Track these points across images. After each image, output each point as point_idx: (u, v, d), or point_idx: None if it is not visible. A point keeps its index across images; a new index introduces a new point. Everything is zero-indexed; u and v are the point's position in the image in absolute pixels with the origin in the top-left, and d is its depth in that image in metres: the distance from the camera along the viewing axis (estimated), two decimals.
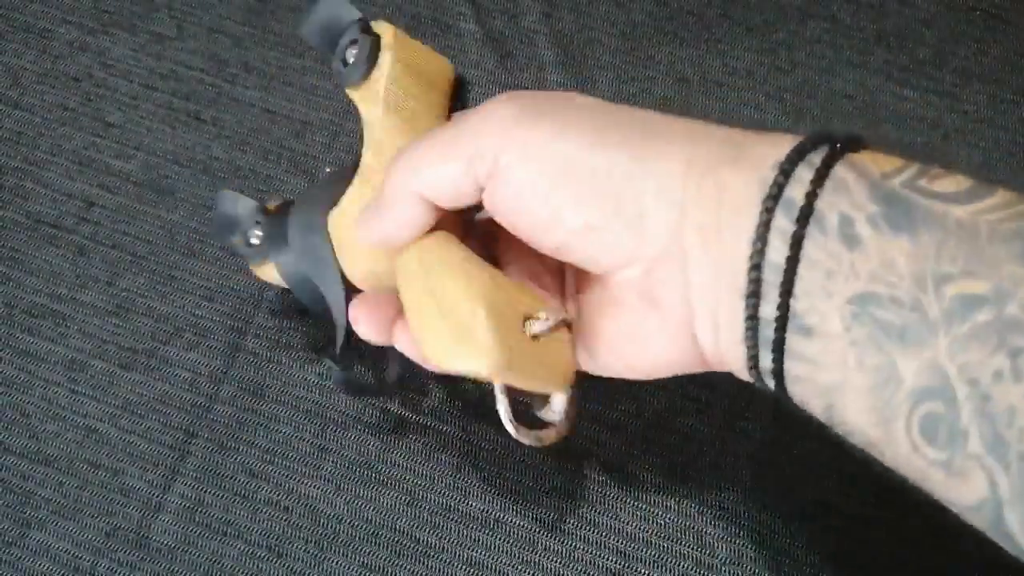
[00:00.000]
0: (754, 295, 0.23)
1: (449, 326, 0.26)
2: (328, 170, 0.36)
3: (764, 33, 0.47)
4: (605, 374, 0.30)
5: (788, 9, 0.47)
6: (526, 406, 0.31)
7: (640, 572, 0.36)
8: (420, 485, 0.37)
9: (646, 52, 0.46)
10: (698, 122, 0.27)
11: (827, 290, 0.22)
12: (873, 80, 0.46)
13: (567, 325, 0.29)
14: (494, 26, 0.47)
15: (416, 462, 0.38)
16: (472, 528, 0.37)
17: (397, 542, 0.37)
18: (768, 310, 0.23)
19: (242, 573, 0.36)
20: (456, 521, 0.37)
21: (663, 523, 0.37)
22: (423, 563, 0.36)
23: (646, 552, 0.36)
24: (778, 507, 0.37)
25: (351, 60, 0.33)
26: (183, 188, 0.43)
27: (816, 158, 0.24)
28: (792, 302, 0.23)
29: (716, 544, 0.37)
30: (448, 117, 0.34)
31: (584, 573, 0.36)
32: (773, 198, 0.23)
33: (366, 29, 0.32)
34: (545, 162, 0.25)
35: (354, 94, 0.33)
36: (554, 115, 0.26)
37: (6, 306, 0.41)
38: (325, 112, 0.45)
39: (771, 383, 0.25)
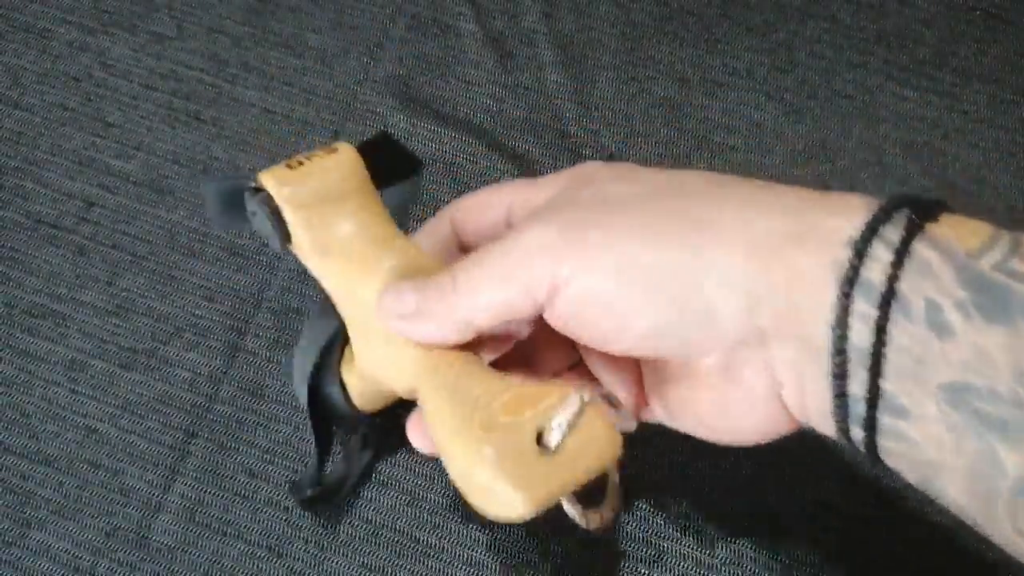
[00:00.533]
0: (840, 376, 0.22)
1: (471, 491, 0.25)
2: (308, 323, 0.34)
3: (764, 33, 0.47)
4: (684, 431, 0.29)
5: (788, 9, 0.47)
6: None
7: (640, 572, 0.36)
8: (420, 485, 0.37)
9: (646, 52, 0.46)
10: (749, 187, 0.25)
11: (918, 375, 0.21)
12: (873, 80, 0.46)
13: (596, 400, 0.27)
14: (494, 26, 0.47)
15: (416, 462, 0.38)
16: (472, 528, 0.37)
17: (397, 542, 0.37)
18: (856, 388, 0.22)
19: (242, 573, 0.36)
20: (456, 521, 0.37)
21: (663, 523, 0.37)
22: (423, 563, 0.36)
23: (646, 552, 0.36)
24: (778, 507, 0.37)
25: (264, 235, 0.30)
26: (183, 188, 0.43)
27: (892, 233, 0.22)
28: (881, 382, 0.22)
29: (716, 544, 0.37)
30: (379, 186, 0.31)
31: (584, 573, 0.36)
32: (850, 282, 0.22)
33: (257, 191, 0.30)
34: (601, 274, 0.24)
35: (293, 252, 0.31)
36: (598, 222, 0.25)
37: (6, 306, 0.41)
38: (325, 112, 0.45)
39: (863, 451, 0.24)
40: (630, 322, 0.25)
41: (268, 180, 0.29)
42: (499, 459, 0.24)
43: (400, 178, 0.31)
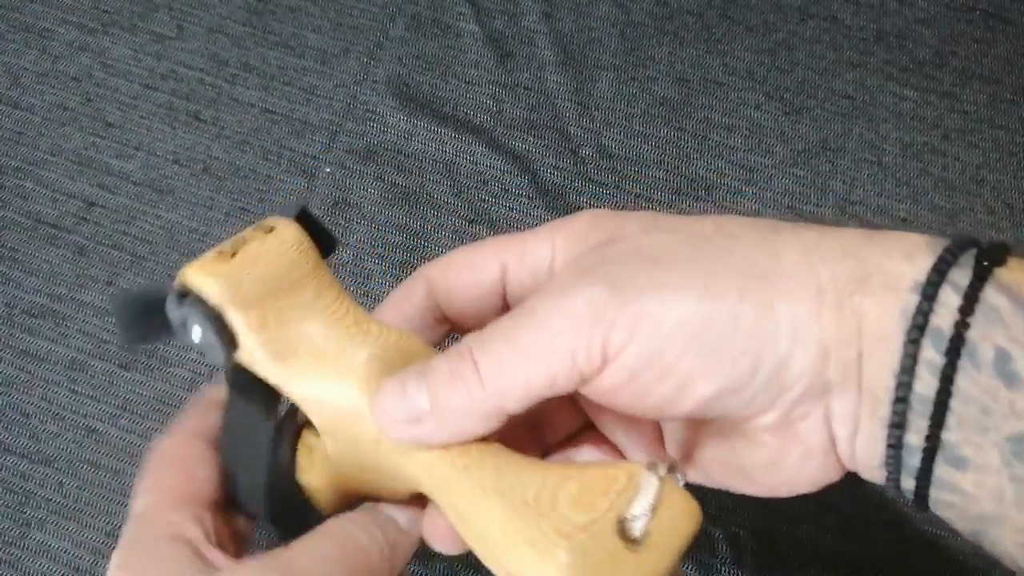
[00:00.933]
0: (899, 426, 0.22)
1: None
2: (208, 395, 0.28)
3: (764, 33, 0.47)
4: (717, 487, 0.27)
5: (788, 9, 0.47)
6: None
7: None
8: None
9: (646, 52, 0.46)
10: (798, 229, 0.24)
11: (982, 425, 0.21)
12: (873, 80, 0.46)
13: (669, 473, 0.24)
14: (494, 26, 0.47)
15: None
16: None
17: None
18: (913, 438, 0.22)
19: None
20: None
21: None
22: (423, 563, 0.36)
23: None
24: (778, 507, 0.37)
25: (202, 347, 0.24)
26: (183, 188, 0.43)
27: (961, 278, 0.21)
28: (943, 433, 0.21)
29: (716, 544, 0.37)
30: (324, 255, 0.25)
31: None
32: (919, 328, 0.21)
33: (182, 296, 0.24)
34: (662, 336, 0.22)
35: (240, 361, 0.25)
36: (650, 279, 0.23)
37: (6, 306, 0.41)
38: (325, 112, 0.45)
39: (910, 500, 0.23)
40: (693, 386, 0.22)
41: (199, 278, 0.23)
42: (589, 568, 0.21)
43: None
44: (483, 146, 0.44)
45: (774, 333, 0.22)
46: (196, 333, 0.24)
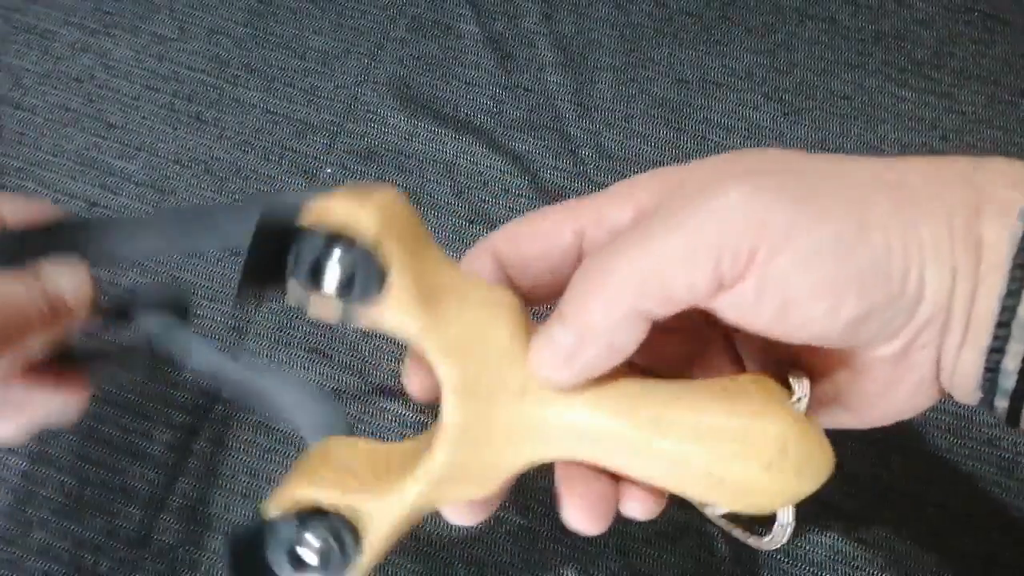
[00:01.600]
0: (998, 351, 0.22)
1: (773, 484, 0.24)
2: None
3: (763, 34, 0.47)
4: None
5: (787, 10, 0.47)
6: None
7: (640, 572, 0.36)
8: None
9: (645, 53, 0.47)
10: (914, 162, 0.24)
11: None
12: (871, 81, 0.46)
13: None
14: (494, 27, 0.47)
15: None
16: (472, 528, 0.37)
17: (397, 542, 0.37)
18: (1010, 364, 0.22)
19: None
20: None
21: (663, 523, 0.37)
22: (423, 563, 0.36)
23: (646, 552, 0.37)
24: None
25: (349, 282, 0.22)
26: (185, 188, 0.43)
27: None
28: None
29: (716, 544, 0.37)
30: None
31: (584, 573, 0.36)
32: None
33: (324, 232, 0.22)
34: (818, 251, 0.21)
35: (373, 314, 0.22)
36: (804, 192, 0.22)
37: None
38: (326, 113, 0.45)
39: (1002, 419, 0.24)
40: (844, 307, 0.22)
41: (348, 205, 0.21)
42: (799, 430, 0.24)
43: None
44: (483, 147, 0.44)
45: (920, 259, 0.22)
46: (333, 272, 0.22)
